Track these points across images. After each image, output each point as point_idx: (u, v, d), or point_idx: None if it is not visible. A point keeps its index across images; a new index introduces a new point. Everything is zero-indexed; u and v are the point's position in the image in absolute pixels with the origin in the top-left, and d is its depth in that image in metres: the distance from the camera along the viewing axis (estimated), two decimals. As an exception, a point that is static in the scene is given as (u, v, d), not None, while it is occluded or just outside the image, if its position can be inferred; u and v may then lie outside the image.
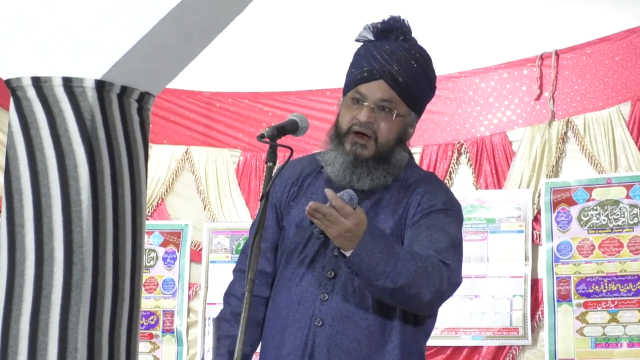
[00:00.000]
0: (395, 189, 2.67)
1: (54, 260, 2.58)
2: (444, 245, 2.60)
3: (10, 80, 2.67)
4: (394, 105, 2.63)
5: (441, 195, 2.69)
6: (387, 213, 2.64)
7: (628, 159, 5.18)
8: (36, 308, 2.56)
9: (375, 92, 2.63)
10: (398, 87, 2.62)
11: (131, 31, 2.65)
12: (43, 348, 2.55)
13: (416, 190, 2.66)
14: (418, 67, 2.66)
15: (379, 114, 2.62)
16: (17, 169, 2.62)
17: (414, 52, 2.68)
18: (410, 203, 2.64)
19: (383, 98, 2.62)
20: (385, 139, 2.62)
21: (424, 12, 5.74)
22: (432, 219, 2.62)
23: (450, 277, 2.60)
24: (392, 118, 2.62)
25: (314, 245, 2.64)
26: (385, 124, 2.62)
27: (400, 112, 2.63)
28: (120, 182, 2.70)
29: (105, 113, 2.67)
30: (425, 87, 2.69)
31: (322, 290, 2.61)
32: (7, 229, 2.61)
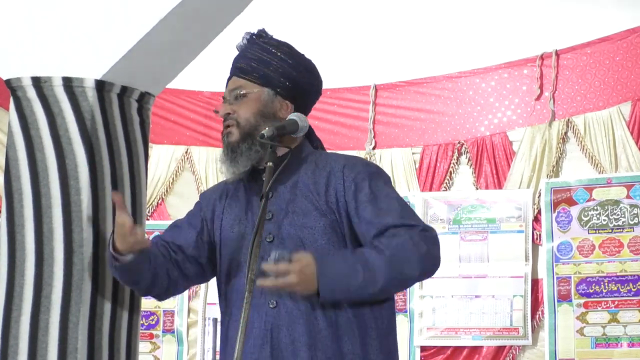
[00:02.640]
0: (306, 169, 2.74)
1: (54, 260, 2.58)
2: (396, 209, 2.68)
3: (10, 80, 2.67)
4: (242, 89, 2.76)
5: (358, 163, 2.76)
6: (304, 193, 2.70)
7: (628, 158, 5.18)
8: (36, 308, 2.56)
9: (229, 87, 2.79)
10: (242, 73, 2.78)
11: (131, 31, 2.65)
12: (43, 348, 2.55)
13: (333, 168, 2.73)
14: (256, 46, 2.80)
15: (234, 104, 2.76)
16: (17, 169, 2.63)
17: (252, 38, 2.84)
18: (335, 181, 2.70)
19: (232, 88, 2.77)
20: (244, 119, 2.73)
21: (424, 12, 5.75)
22: (367, 190, 2.69)
23: (423, 235, 2.65)
24: (244, 99, 2.75)
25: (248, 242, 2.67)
26: (240, 107, 2.74)
27: (249, 91, 2.76)
28: (120, 182, 2.70)
29: (105, 113, 2.67)
30: (268, 59, 2.80)
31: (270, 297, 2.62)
32: (7, 229, 2.61)
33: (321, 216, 2.67)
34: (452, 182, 5.57)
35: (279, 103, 2.77)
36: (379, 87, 5.83)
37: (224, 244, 2.74)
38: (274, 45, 2.83)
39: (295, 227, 2.66)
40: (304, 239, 2.65)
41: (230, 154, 2.71)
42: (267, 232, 2.64)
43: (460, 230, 5.39)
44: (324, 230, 2.66)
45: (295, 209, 2.68)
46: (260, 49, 2.79)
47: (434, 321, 5.40)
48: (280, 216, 2.68)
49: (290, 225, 2.66)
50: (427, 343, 5.42)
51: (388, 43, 5.78)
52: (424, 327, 5.41)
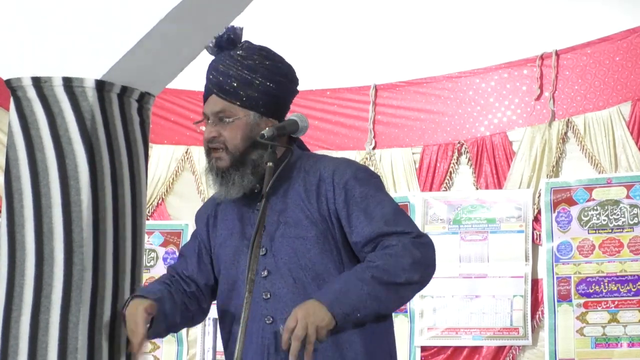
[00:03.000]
0: (296, 177, 2.72)
1: (54, 260, 2.58)
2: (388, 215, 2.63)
3: (10, 80, 2.67)
4: (228, 113, 2.70)
5: (347, 167, 2.72)
6: (296, 202, 2.68)
7: (628, 159, 5.18)
8: (36, 308, 2.56)
9: (210, 107, 2.71)
10: (226, 95, 2.70)
11: (131, 31, 2.65)
12: (43, 348, 2.55)
13: (322, 173, 2.70)
14: (243, 68, 2.72)
15: (220, 126, 2.70)
16: (17, 169, 2.62)
17: (239, 57, 2.73)
18: (325, 188, 2.68)
19: (214, 111, 2.70)
20: (232, 145, 2.69)
21: (424, 12, 5.75)
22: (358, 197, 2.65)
23: (416, 242, 2.61)
24: (229, 125, 2.69)
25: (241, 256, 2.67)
26: (227, 132, 2.69)
27: (234, 116, 2.70)
28: (120, 182, 2.70)
29: (105, 113, 2.67)
30: (250, 78, 2.73)
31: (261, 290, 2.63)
32: (7, 229, 2.61)
33: (312, 225, 2.65)
34: (452, 182, 5.57)
35: (264, 123, 2.72)
36: (379, 87, 5.83)
37: (219, 259, 2.74)
38: (253, 58, 2.74)
39: (287, 239, 2.65)
40: (297, 250, 2.63)
41: (221, 180, 2.69)
42: (261, 245, 2.62)
43: (460, 230, 5.39)
44: (316, 239, 2.64)
45: (287, 220, 2.66)
46: (241, 67, 2.72)
47: (435, 321, 5.40)
48: (272, 228, 2.66)
49: (282, 236, 2.65)
50: (427, 343, 5.42)
51: (388, 43, 5.79)
52: (424, 327, 5.41)
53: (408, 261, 2.56)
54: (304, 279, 2.61)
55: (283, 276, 2.63)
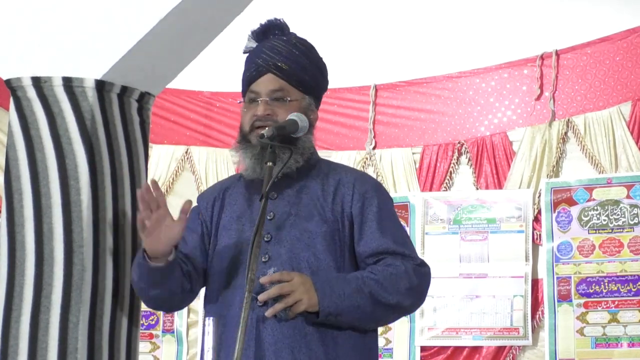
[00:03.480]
0: (315, 176, 2.75)
1: (54, 260, 2.58)
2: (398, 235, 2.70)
3: (10, 80, 2.67)
4: (285, 93, 2.73)
5: (369, 179, 2.80)
6: (311, 198, 2.71)
7: (628, 159, 5.18)
8: (36, 308, 2.56)
9: (266, 85, 2.73)
10: (285, 75, 2.73)
11: (131, 31, 2.65)
12: (43, 348, 2.55)
13: (343, 178, 2.74)
14: (300, 53, 2.77)
15: (274, 105, 2.72)
16: (17, 169, 2.62)
17: (294, 42, 2.80)
18: (344, 192, 2.72)
19: (273, 89, 2.72)
20: None
21: (424, 12, 5.75)
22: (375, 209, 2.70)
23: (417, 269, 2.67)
24: (287, 105, 2.72)
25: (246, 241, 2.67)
26: (282, 111, 2.72)
27: (293, 97, 2.74)
28: (120, 182, 2.70)
29: (105, 113, 2.67)
30: (311, 69, 2.79)
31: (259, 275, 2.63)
32: (7, 229, 2.61)
33: (323, 222, 2.67)
34: (452, 182, 5.56)
35: (313, 113, 2.79)
36: (379, 87, 5.82)
37: (220, 241, 2.73)
38: (305, 45, 2.81)
39: (295, 230, 2.66)
40: (302, 241, 2.64)
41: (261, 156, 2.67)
42: (266, 231, 2.64)
43: (461, 230, 5.39)
44: (324, 236, 2.65)
45: (298, 212, 2.68)
46: (296, 50, 2.77)
47: (435, 321, 5.40)
48: (282, 217, 2.68)
49: (291, 227, 2.66)
50: (427, 343, 5.42)
51: (388, 43, 5.78)
52: (424, 327, 5.41)
53: (405, 285, 2.62)
54: (303, 271, 2.62)
55: (282, 263, 2.63)
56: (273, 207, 2.68)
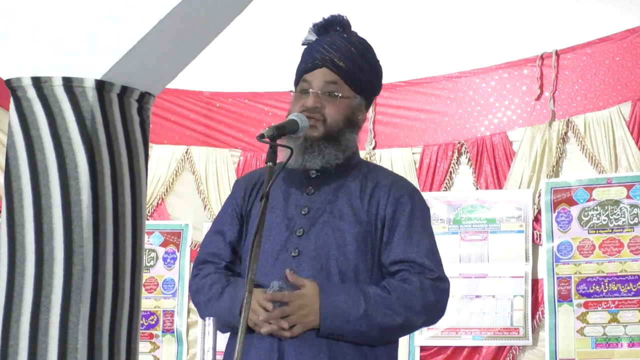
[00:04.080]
0: (354, 177, 2.75)
1: (54, 260, 2.57)
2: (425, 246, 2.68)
3: (10, 80, 2.67)
4: (338, 88, 2.73)
5: (407, 185, 2.79)
6: (347, 198, 2.71)
7: (628, 159, 5.18)
8: (36, 308, 2.56)
9: (319, 78, 2.74)
10: (339, 71, 2.74)
11: (131, 31, 2.64)
12: (43, 348, 2.54)
13: (380, 181, 2.74)
14: (357, 52, 2.77)
15: (325, 99, 2.73)
16: (17, 169, 2.62)
17: (353, 40, 2.81)
18: (379, 194, 2.71)
19: (327, 81, 2.73)
20: (333, 120, 2.71)
21: (424, 12, 5.75)
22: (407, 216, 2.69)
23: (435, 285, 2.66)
24: (337, 100, 2.72)
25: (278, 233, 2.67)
26: (331, 106, 2.72)
27: (344, 94, 2.74)
28: (120, 182, 2.70)
29: (105, 113, 2.67)
30: (367, 70, 2.79)
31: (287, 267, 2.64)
32: (7, 229, 2.61)
33: (357, 223, 2.66)
34: (452, 182, 5.57)
35: (361, 113, 2.79)
36: (379, 87, 5.82)
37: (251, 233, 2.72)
38: (366, 47, 2.82)
39: (328, 227, 2.65)
40: (334, 240, 2.64)
41: (307, 146, 2.69)
42: (299, 226, 2.64)
43: (460, 230, 5.39)
44: (356, 237, 2.65)
45: (333, 210, 2.67)
46: (355, 50, 2.77)
47: (434, 321, 5.40)
48: (316, 214, 2.67)
49: (324, 224, 2.65)
50: (427, 343, 5.42)
51: (388, 43, 5.78)
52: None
53: (419, 303, 2.62)
54: (331, 269, 2.62)
55: (311, 260, 2.63)
56: (309, 202, 2.67)
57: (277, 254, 2.65)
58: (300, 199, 2.70)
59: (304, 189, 2.70)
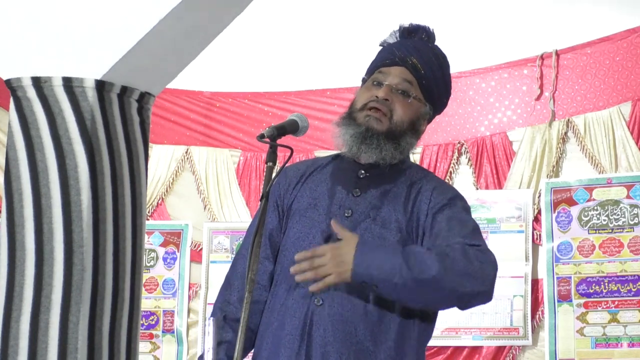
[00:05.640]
0: (403, 183, 2.71)
1: (54, 260, 2.57)
2: (468, 231, 2.65)
3: (10, 80, 2.67)
4: (412, 88, 2.71)
5: (449, 190, 2.76)
6: (393, 205, 2.66)
7: (628, 159, 5.18)
8: (36, 308, 2.56)
9: (396, 74, 2.72)
10: (418, 74, 2.72)
11: (131, 31, 2.64)
12: (43, 348, 2.54)
13: (423, 187, 2.70)
14: (438, 64, 2.77)
15: (396, 96, 2.69)
16: (17, 169, 2.62)
17: (436, 52, 2.80)
18: (421, 200, 2.68)
19: (404, 78, 2.70)
20: (399, 118, 2.68)
21: (423, 12, 5.74)
22: (447, 212, 2.66)
23: (480, 253, 2.60)
24: (408, 101, 2.69)
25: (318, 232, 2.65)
26: (401, 105, 2.69)
27: (417, 96, 2.71)
28: (120, 182, 2.70)
29: (105, 113, 2.67)
30: (441, 84, 2.78)
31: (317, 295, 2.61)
32: (7, 229, 2.61)
33: (398, 232, 2.62)
34: (452, 182, 5.56)
35: (425, 122, 2.77)
36: (379, 87, 5.82)
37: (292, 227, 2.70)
38: (445, 63, 2.80)
39: (369, 233, 2.61)
40: None
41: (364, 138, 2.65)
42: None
43: (461, 230, 5.39)
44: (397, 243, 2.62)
45: (376, 217, 2.64)
46: (437, 62, 2.76)
47: (434, 321, 5.40)
48: (359, 218, 2.64)
49: (366, 230, 2.62)
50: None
51: (388, 43, 5.78)
52: (424, 327, 5.41)
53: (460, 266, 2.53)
54: None
55: None
56: (353, 204, 2.65)
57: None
58: (345, 200, 2.66)
59: (351, 189, 2.67)
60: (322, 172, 2.76)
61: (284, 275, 2.69)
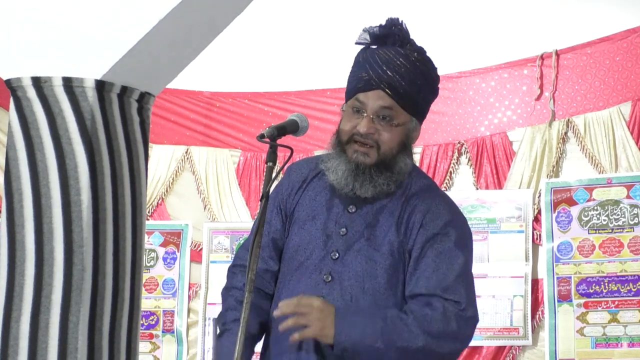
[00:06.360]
0: (398, 198, 2.66)
1: (54, 260, 2.57)
2: (452, 278, 2.57)
3: (10, 80, 2.67)
4: (394, 114, 2.63)
5: (443, 214, 2.65)
6: (388, 224, 2.64)
7: (628, 159, 5.18)
8: (36, 308, 2.56)
9: (374, 101, 2.62)
10: (397, 96, 2.62)
11: (131, 31, 2.64)
12: (43, 348, 2.55)
13: (417, 207, 2.64)
14: (418, 72, 2.66)
15: (379, 124, 2.62)
16: (17, 169, 2.62)
17: (413, 58, 2.67)
18: (414, 222, 2.63)
19: (383, 106, 2.62)
20: (387, 148, 2.63)
21: (423, 12, 5.74)
22: (437, 247, 2.59)
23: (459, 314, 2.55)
24: (392, 127, 2.62)
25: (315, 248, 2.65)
26: (386, 133, 2.62)
27: (400, 120, 2.64)
28: (120, 182, 2.70)
29: (105, 113, 2.67)
30: (426, 91, 2.71)
31: (318, 294, 2.62)
32: (7, 229, 2.61)
33: (389, 255, 2.60)
34: (452, 182, 5.56)
35: (416, 132, 2.69)
36: (379, 87, 5.82)
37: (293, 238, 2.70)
38: (425, 64, 2.68)
39: (361, 256, 2.61)
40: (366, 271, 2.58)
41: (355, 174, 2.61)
42: (335, 247, 2.61)
43: (460, 230, 5.39)
44: (387, 269, 2.59)
45: (370, 237, 2.62)
46: (413, 69, 2.64)
47: (434, 321, 5.40)
48: (353, 237, 2.63)
49: (359, 252, 2.61)
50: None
51: (388, 43, 5.78)
52: (424, 327, 5.41)
53: (439, 328, 2.51)
54: (361, 301, 2.59)
55: (343, 289, 2.61)
56: (349, 221, 2.63)
57: (311, 273, 2.64)
58: (341, 216, 2.64)
59: (347, 204, 2.65)
60: (322, 180, 2.74)
61: (284, 287, 2.71)
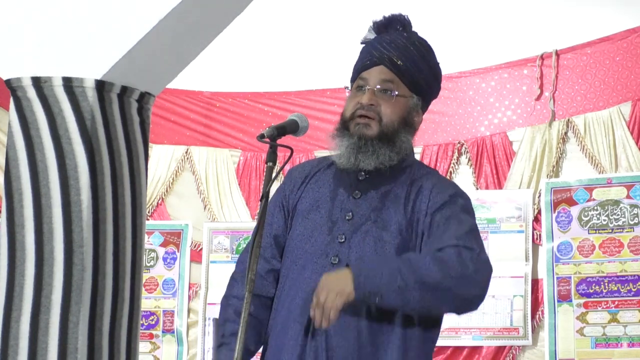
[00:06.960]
0: (403, 182, 2.69)
1: (54, 260, 2.57)
2: (463, 231, 2.58)
3: (10, 80, 2.67)
4: (394, 86, 2.69)
5: (449, 187, 2.71)
6: (394, 206, 2.65)
7: (628, 159, 5.18)
8: (36, 308, 2.56)
9: (376, 75, 2.70)
10: (397, 69, 2.70)
11: (131, 31, 2.65)
12: (43, 348, 2.55)
13: (423, 185, 2.68)
14: (416, 51, 2.75)
15: (381, 97, 2.68)
16: (17, 169, 2.62)
17: (413, 40, 2.78)
18: (421, 199, 2.65)
19: (383, 78, 2.69)
20: (389, 120, 2.67)
21: (424, 12, 5.74)
22: (446, 211, 2.62)
23: (475, 257, 2.53)
24: (393, 99, 2.68)
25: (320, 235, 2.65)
26: (387, 105, 2.67)
27: (401, 92, 2.70)
28: (120, 182, 2.70)
29: (105, 113, 2.67)
30: (425, 71, 2.77)
31: None
32: (7, 229, 2.61)
33: (398, 233, 2.61)
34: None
35: (417, 114, 2.74)
36: (379, 87, 5.82)
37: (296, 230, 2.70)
38: (426, 47, 2.79)
39: (369, 237, 2.61)
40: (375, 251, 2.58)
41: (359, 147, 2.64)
42: (342, 231, 2.62)
43: (460, 230, 5.39)
44: (397, 248, 2.59)
45: (377, 219, 2.62)
46: (415, 50, 2.74)
47: (434, 321, 5.40)
48: (360, 220, 2.63)
49: (367, 233, 2.62)
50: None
51: (388, 43, 5.78)
52: (424, 327, 5.41)
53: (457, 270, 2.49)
54: None
55: None
56: (354, 206, 2.64)
57: (317, 259, 2.63)
58: (346, 202, 2.66)
59: (351, 191, 2.67)
60: (325, 173, 2.76)
61: (287, 278, 2.69)
